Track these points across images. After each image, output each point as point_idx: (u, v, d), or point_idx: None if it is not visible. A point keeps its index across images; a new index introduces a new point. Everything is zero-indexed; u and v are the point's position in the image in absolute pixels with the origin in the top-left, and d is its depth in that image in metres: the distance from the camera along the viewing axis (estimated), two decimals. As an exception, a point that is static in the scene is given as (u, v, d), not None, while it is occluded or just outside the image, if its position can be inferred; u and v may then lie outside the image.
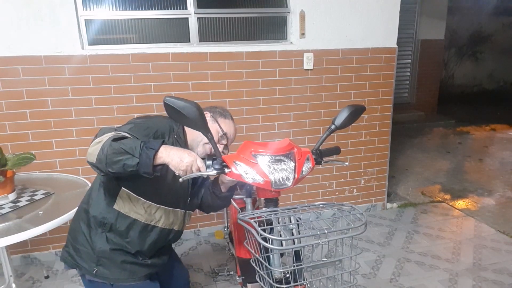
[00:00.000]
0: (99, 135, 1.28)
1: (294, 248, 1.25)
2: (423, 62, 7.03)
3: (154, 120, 1.47)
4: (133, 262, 1.48)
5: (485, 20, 8.75)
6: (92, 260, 1.45)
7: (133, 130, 1.33)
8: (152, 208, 1.44)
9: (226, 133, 1.52)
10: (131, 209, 1.41)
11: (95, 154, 1.19)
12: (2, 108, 2.49)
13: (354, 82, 3.15)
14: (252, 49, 2.85)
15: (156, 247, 1.53)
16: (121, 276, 1.46)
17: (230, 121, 1.58)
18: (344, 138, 3.23)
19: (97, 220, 1.44)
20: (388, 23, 3.10)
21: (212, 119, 1.53)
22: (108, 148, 1.16)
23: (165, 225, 1.49)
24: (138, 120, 1.44)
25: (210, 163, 1.25)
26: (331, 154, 1.48)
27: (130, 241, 1.44)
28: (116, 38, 2.69)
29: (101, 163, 1.18)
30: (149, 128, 1.38)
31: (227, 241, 2.50)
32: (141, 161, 1.13)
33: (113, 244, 1.44)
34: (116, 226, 1.42)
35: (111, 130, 1.29)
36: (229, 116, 1.58)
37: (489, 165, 4.83)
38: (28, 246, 2.77)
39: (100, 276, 1.45)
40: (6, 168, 1.83)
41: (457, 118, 7.13)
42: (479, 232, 3.15)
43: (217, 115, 1.55)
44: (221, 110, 1.58)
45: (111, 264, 1.45)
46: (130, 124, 1.39)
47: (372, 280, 2.55)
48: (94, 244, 1.44)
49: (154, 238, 1.47)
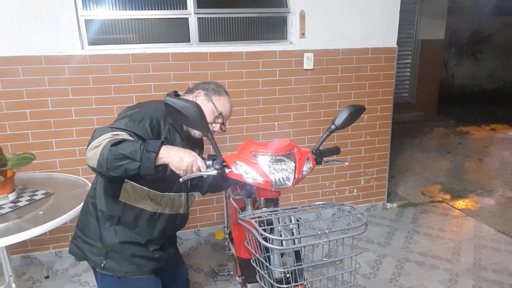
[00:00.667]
0: (96, 136, 1.25)
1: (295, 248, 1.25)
2: (423, 62, 7.03)
3: (147, 107, 1.44)
4: (141, 255, 1.49)
5: (485, 20, 8.74)
6: (101, 253, 1.46)
7: (128, 126, 1.31)
8: (157, 197, 1.45)
9: (221, 112, 1.51)
10: (136, 199, 1.43)
11: (95, 159, 1.18)
12: (2, 108, 2.49)
13: (354, 82, 3.15)
14: (252, 49, 2.85)
15: (166, 234, 1.55)
16: (128, 269, 1.47)
17: (225, 97, 1.55)
18: (344, 138, 3.23)
19: (105, 214, 1.45)
20: (388, 23, 3.10)
21: (206, 98, 1.51)
22: (108, 154, 1.15)
23: (171, 211, 1.51)
24: (131, 111, 1.40)
25: (210, 163, 1.25)
26: (331, 154, 1.49)
27: (139, 231, 1.46)
28: (116, 38, 2.69)
29: (102, 168, 1.18)
30: (144, 118, 1.36)
31: (227, 241, 2.50)
32: (143, 164, 1.14)
33: (122, 237, 1.45)
34: (124, 218, 1.44)
35: (107, 130, 1.26)
36: (223, 92, 1.55)
37: (489, 165, 4.83)
38: (28, 246, 2.77)
39: (108, 269, 1.47)
40: (6, 168, 1.83)
41: (457, 118, 7.13)
42: (479, 232, 3.15)
43: (211, 93, 1.52)
44: (215, 87, 1.55)
45: (120, 257, 1.46)
46: (124, 118, 1.36)
47: (372, 280, 2.55)
48: (103, 238, 1.45)
49: (163, 225, 1.49)
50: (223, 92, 1.56)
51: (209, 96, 1.51)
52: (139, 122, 1.34)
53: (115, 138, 1.20)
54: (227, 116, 1.57)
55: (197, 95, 1.53)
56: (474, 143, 5.83)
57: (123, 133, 1.27)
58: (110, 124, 1.34)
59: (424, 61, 7.02)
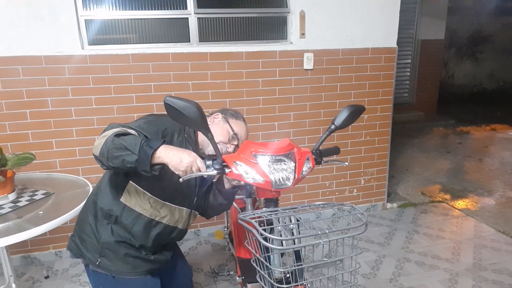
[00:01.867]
0: (107, 129, 1.30)
1: (295, 248, 1.25)
2: (423, 62, 7.03)
3: (165, 119, 1.46)
4: (136, 256, 1.49)
5: (485, 20, 8.75)
6: (96, 250, 1.46)
7: (141, 127, 1.35)
8: (157, 204, 1.45)
9: (236, 133, 1.53)
10: (137, 203, 1.43)
11: (99, 148, 1.22)
12: (2, 108, 2.49)
13: (354, 82, 3.15)
14: (252, 49, 2.85)
15: (160, 243, 1.54)
16: (123, 269, 1.47)
17: (242, 122, 1.58)
18: (344, 138, 3.23)
19: (104, 211, 1.45)
20: (388, 23, 3.10)
21: (223, 120, 1.55)
22: (110, 143, 1.18)
23: (170, 222, 1.50)
24: (150, 117, 1.46)
25: (210, 163, 1.25)
26: (331, 154, 1.49)
27: (134, 235, 1.46)
28: (116, 38, 2.69)
29: (103, 157, 1.21)
30: (158, 125, 1.40)
31: (227, 241, 2.50)
32: (139, 158, 1.15)
33: (118, 237, 1.45)
34: (121, 219, 1.44)
35: (119, 126, 1.32)
36: (240, 118, 1.59)
37: (489, 165, 4.83)
38: (28, 246, 2.77)
39: (103, 267, 1.47)
40: (6, 168, 1.83)
41: (457, 118, 7.13)
42: (479, 232, 3.15)
43: (228, 116, 1.56)
44: (233, 112, 1.60)
45: (114, 256, 1.46)
46: (140, 120, 1.41)
47: (372, 280, 2.55)
48: (99, 235, 1.46)
49: (158, 233, 1.48)
50: (240, 117, 1.60)
51: (227, 119, 1.55)
52: (154, 126, 1.38)
53: (121, 130, 1.25)
54: (242, 140, 1.57)
55: (214, 117, 1.56)
56: (474, 143, 5.83)
57: (132, 130, 1.30)
58: (125, 123, 1.37)
59: (424, 61, 7.02)
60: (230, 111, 1.60)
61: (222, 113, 1.58)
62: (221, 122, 1.54)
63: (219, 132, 1.50)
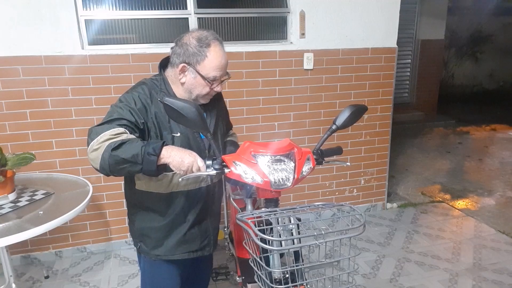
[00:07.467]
0: (93, 136, 1.26)
1: (293, 249, 1.24)
2: (423, 62, 7.02)
3: (136, 89, 1.44)
4: (170, 237, 1.52)
5: (485, 20, 8.73)
6: (136, 236, 1.57)
7: (122, 115, 1.31)
8: (168, 177, 1.44)
9: (214, 76, 1.36)
10: (149, 185, 1.46)
11: (98, 162, 1.23)
12: (2, 108, 2.49)
13: (354, 82, 3.15)
14: (252, 49, 2.85)
15: (190, 210, 1.52)
16: (159, 252, 1.52)
17: (211, 53, 1.33)
18: (344, 138, 3.23)
19: (129, 201, 1.57)
20: (388, 23, 3.10)
21: (192, 72, 1.36)
22: (109, 159, 1.20)
23: (189, 187, 1.49)
24: (121, 103, 1.37)
25: (210, 163, 1.26)
26: (333, 154, 1.48)
27: (160, 213, 1.49)
28: (116, 38, 2.69)
29: (104, 170, 1.23)
30: (135, 100, 1.36)
31: (227, 241, 2.50)
32: (144, 166, 1.18)
33: (147, 222, 1.51)
34: (144, 204, 1.50)
35: (103, 129, 1.25)
36: (205, 48, 1.33)
37: (489, 165, 4.83)
38: (28, 246, 2.77)
39: (143, 251, 1.55)
40: (6, 168, 1.83)
41: (457, 118, 7.12)
42: (479, 232, 3.15)
43: (194, 62, 1.33)
44: (195, 45, 1.33)
45: (150, 241, 1.52)
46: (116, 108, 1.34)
47: (372, 280, 2.55)
48: (134, 223, 1.56)
49: (183, 202, 1.49)
50: (205, 48, 1.32)
51: (194, 67, 1.34)
52: (132, 107, 1.35)
53: (114, 141, 1.21)
54: (224, 70, 1.39)
55: (181, 71, 1.38)
56: (474, 143, 5.83)
57: (119, 129, 1.26)
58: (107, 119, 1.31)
59: (424, 61, 7.01)
60: (191, 48, 1.32)
61: (186, 60, 1.34)
62: (191, 78, 1.37)
63: (197, 87, 1.39)
